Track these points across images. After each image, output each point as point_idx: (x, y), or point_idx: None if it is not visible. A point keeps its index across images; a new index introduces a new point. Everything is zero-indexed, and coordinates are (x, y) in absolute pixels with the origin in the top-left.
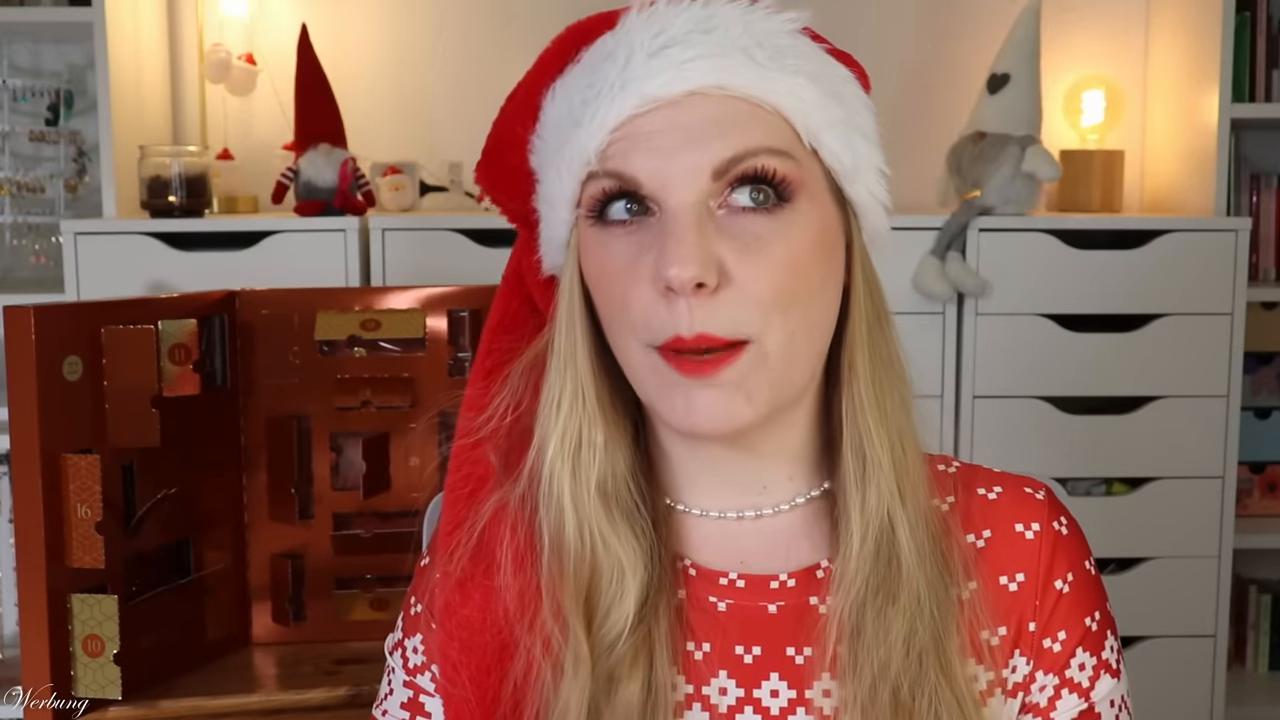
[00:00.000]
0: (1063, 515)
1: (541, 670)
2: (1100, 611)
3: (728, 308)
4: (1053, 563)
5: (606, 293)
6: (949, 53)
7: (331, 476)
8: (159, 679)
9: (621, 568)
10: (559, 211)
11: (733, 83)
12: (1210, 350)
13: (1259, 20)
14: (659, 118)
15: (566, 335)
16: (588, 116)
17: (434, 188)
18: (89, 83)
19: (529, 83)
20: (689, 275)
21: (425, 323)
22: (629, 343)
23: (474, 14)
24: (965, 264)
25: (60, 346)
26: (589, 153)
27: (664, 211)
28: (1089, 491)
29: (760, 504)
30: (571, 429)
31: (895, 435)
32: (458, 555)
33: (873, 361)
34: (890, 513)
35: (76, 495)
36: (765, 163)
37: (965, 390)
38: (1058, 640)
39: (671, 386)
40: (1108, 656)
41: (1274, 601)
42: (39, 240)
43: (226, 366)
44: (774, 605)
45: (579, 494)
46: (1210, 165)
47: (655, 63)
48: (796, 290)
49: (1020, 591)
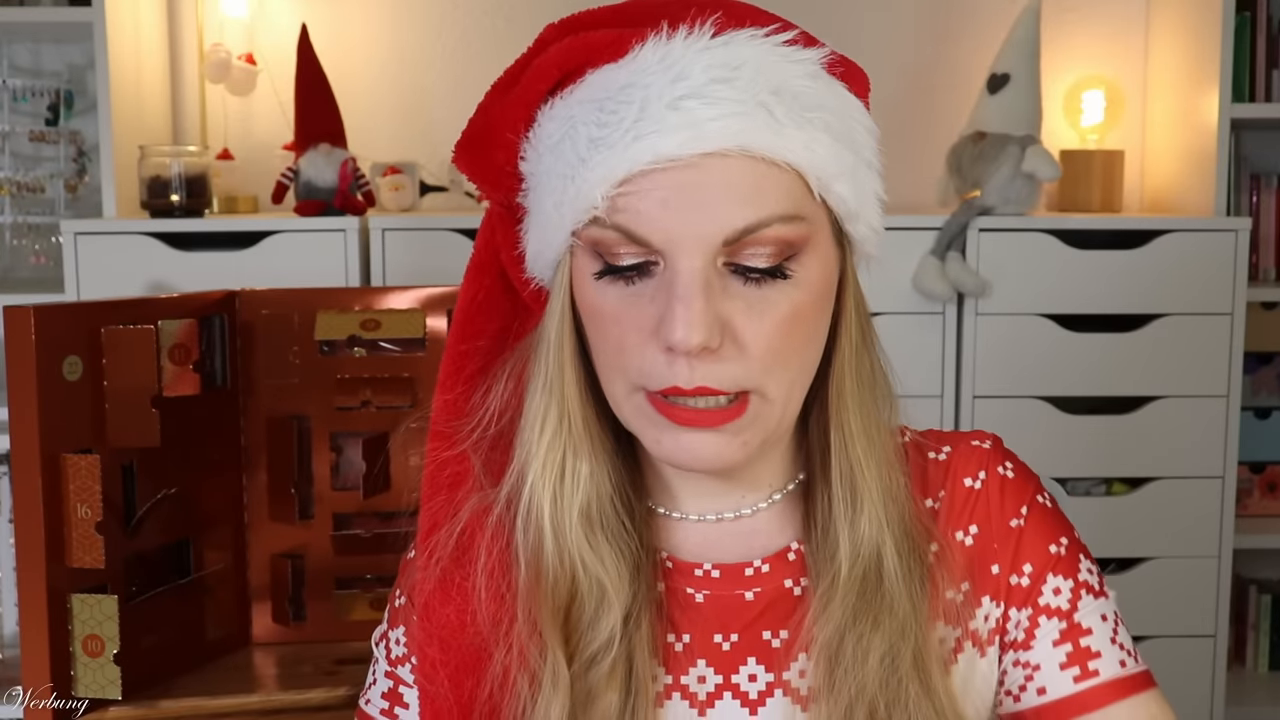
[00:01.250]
0: (1008, 460)
1: (518, 681)
2: (1066, 537)
3: (729, 365)
4: (1003, 504)
5: (600, 331)
6: (949, 53)
7: (331, 476)
8: (159, 679)
9: (603, 586)
10: (555, 234)
11: (754, 144)
12: (1210, 350)
13: (1259, 20)
14: (673, 177)
15: (554, 359)
16: (596, 160)
17: (434, 188)
18: (89, 83)
19: (526, 88)
20: (696, 341)
21: (425, 323)
22: (617, 381)
23: (474, 14)
24: (965, 264)
25: (60, 346)
26: (595, 200)
27: (670, 269)
28: (1089, 491)
29: (739, 507)
30: (555, 456)
31: (883, 458)
32: (437, 555)
33: (859, 386)
34: (879, 540)
35: (76, 495)
36: (778, 232)
37: (965, 390)
38: (1024, 575)
39: (663, 428)
40: (1085, 578)
41: (1274, 601)
42: (39, 240)
43: (226, 366)
44: (750, 592)
45: (559, 519)
46: (1210, 165)
47: (672, 117)
48: (792, 345)
49: (977, 542)
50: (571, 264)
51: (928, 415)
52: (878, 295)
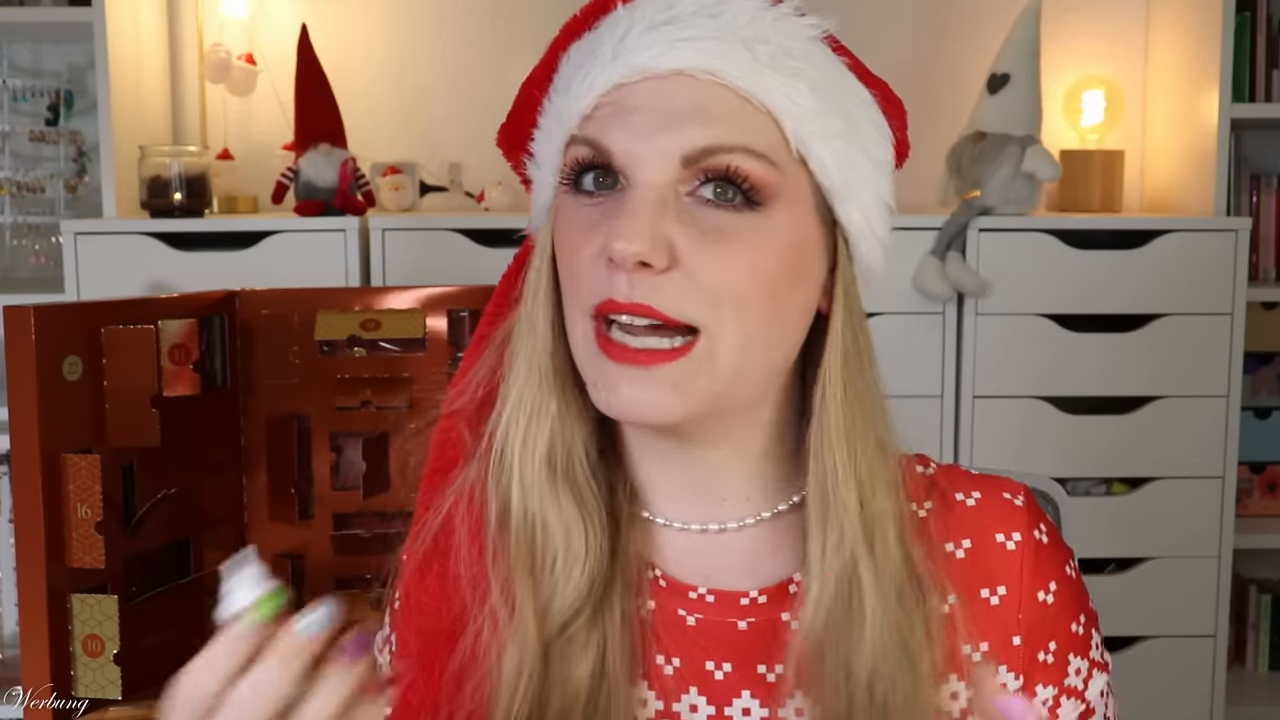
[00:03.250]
0: (1042, 522)
1: (489, 646)
2: (1085, 613)
3: (673, 291)
4: (1035, 574)
5: (564, 262)
6: (949, 53)
7: (331, 476)
8: (159, 679)
9: (566, 540)
10: (544, 174)
11: (724, 69)
12: (1210, 350)
13: (1259, 20)
14: (642, 91)
15: (532, 300)
16: (578, 81)
17: (434, 188)
18: (89, 83)
19: (552, 47)
20: (633, 250)
21: (425, 323)
22: (573, 312)
23: (474, 14)
24: (965, 264)
25: (60, 346)
26: (573, 116)
27: (630, 187)
28: (1089, 491)
29: (722, 517)
30: (528, 395)
31: (865, 477)
32: (421, 537)
33: (846, 397)
34: (855, 559)
35: (76, 495)
36: (739, 163)
37: (965, 390)
38: (1049, 651)
39: (599, 365)
40: (1095, 655)
41: (1274, 601)
42: (39, 240)
43: (226, 366)
44: (744, 622)
45: (525, 462)
46: (1210, 165)
47: (651, 35)
48: (753, 294)
49: (1002, 605)
50: (557, 206)
51: (928, 415)
52: (878, 295)
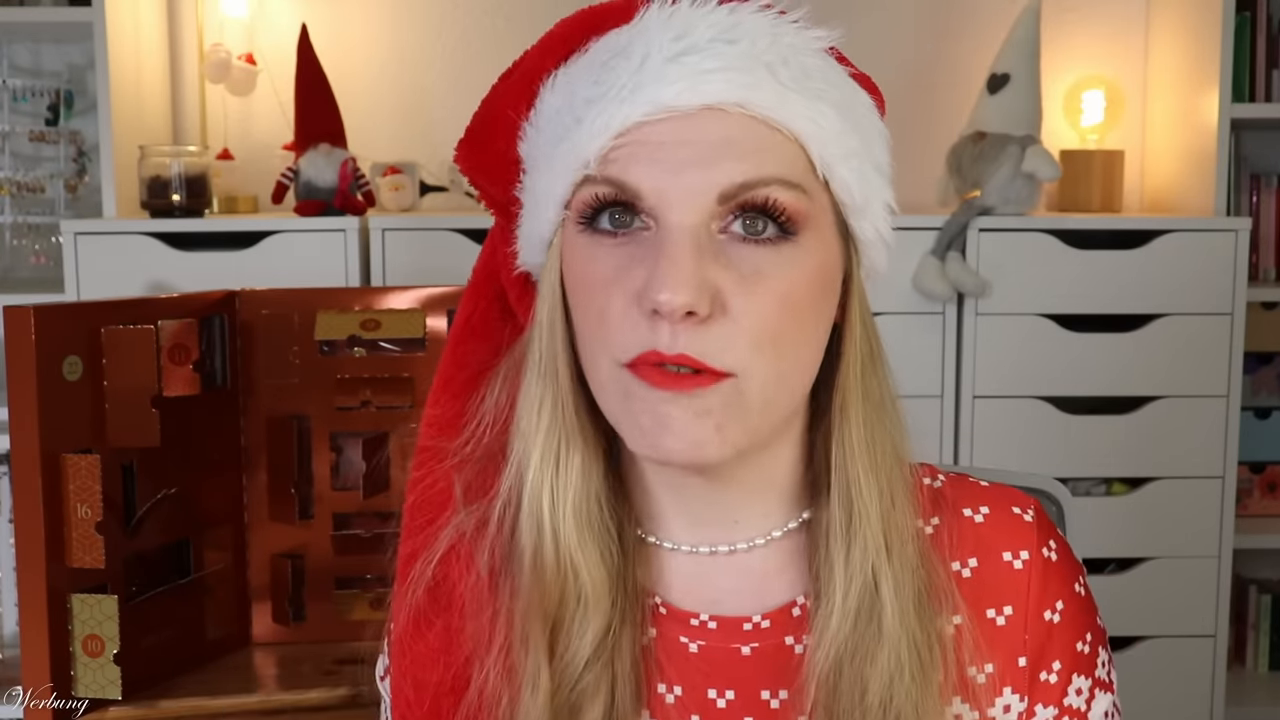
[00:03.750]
0: (1051, 539)
1: (500, 696)
2: (1092, 632)
3: (717, 338)
4: (1043, 593)
5: (585, 304)
6: (949, 53)
7: (331, 476)
8: (159, 679)
9: (587, 596)
10: (545, 209)
11: (754, 101)
12: (1210, 350)
13: (1259, 20)
14: (669, 128)
15: (548, 342)
16: (591, 116)
17: (434, 188)
18: (89, 83)
19: (528, 65)
20: (681, 301)
21: (425, 323)
22: (599, 359)
23: (474, 14)
24: (965, 264)
25: (60, 346)
26: (588, 155)
27: (660, 228)
28: (1089, 491)
29: (733, 539)
30: (551, 444)
31: (885, 485)
32: (412, 588)
33: (865, 405)
34: (875, 569)
35: (76, 495)
36: (775, 195)
37: (965, 390)
38: (1053, 672)
39: (638, 402)
40: (1100, 674)
41: (1274, 601)
42: (39, 240)
43: (226, 366)
44: (747, 647)
45: (556, 515)
46: (1210, 165)
47: (672, 69)
48: (789, 329)
49: (1008, 625)
50: (563, 240)
51: (928, 415)
52: (878, 295)
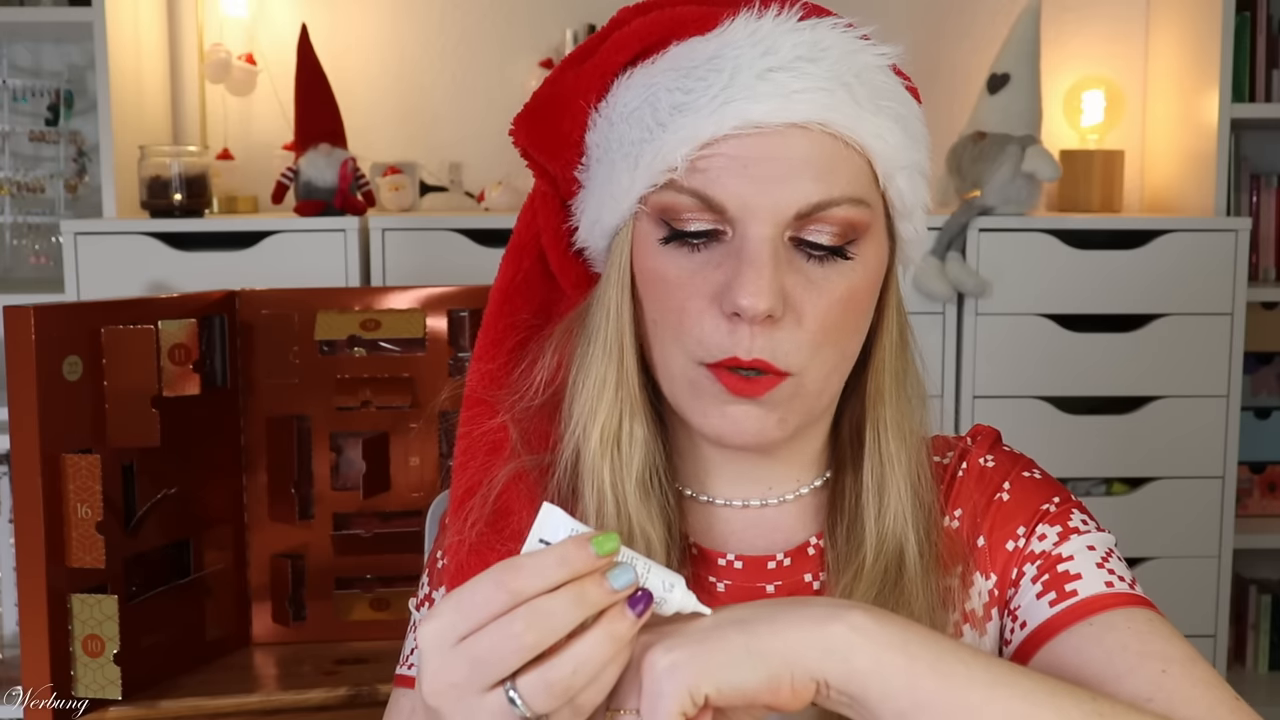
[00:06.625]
0: (990, 453)
1: None
2: (1060, 497)
3: (785, 340)
4: (983, 484)
5: (660, 298)
6: (949, 53)
7: (331, 476)
8: (159, 679)
9: (644, 549)
10: (619, 202)
11: (834, 121)
12: (1210, 350)
13: (1259, 20)
14: (755, 144)
15: (615, 325)
16: (678, 124)
17: (434, 188)
18: (89, 83)
19: (605, 59)
20: (763, 307)
21: (425, 323)
22: (673, 352)
23: (474, 14)
24: (965, 264)
25: (60, 346)
26: (674, 161)
27: (739, 237)
28: (1089, 492)
29: (767, 496)
30: (613, 419)
31: (914, 460)
32: (471, 519)
33: (898, 386)
34: (902, 537)
35: (76, 495)
36: (846, 213)
37: (965, 390)
38: (1017, 538)
39: (710, 400)
40: (1075, 524)
41: (1274, 601)
42: (39, 240)
43: (226, 366)
44: (771, 585)
45: (619, 484)
46: (1210, 165)
47: (762, 86)
48: (845, 327)
49: (963, 524)
50: (634, 231)
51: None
52: None
